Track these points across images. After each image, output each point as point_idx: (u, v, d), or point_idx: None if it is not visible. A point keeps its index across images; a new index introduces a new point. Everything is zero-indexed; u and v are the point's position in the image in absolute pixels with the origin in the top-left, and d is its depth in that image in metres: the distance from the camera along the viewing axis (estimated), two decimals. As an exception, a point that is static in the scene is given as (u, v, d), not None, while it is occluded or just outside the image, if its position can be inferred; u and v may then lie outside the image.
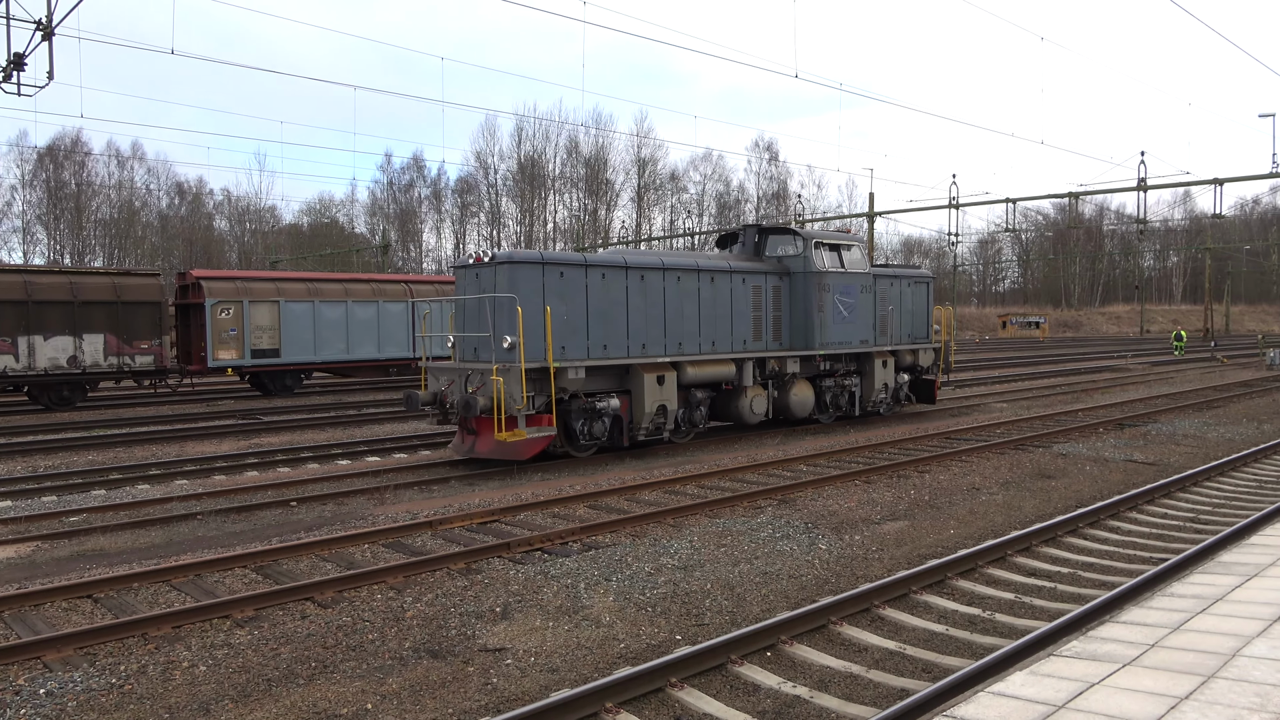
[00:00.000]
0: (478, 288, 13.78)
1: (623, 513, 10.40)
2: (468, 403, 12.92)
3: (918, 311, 19.87)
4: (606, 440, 14.38)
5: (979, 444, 15.36)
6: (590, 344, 14.14)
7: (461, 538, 9.42)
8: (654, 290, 14.99)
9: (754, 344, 16.50)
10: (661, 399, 14.63)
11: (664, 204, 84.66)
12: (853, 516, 10.15)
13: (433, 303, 16.63)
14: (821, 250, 17.34)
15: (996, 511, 10.46)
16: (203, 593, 7.71)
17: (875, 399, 18.79)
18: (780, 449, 15.25)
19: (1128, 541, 9.17)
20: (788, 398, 16.93)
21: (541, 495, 11.31)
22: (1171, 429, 17.26)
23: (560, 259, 13.99)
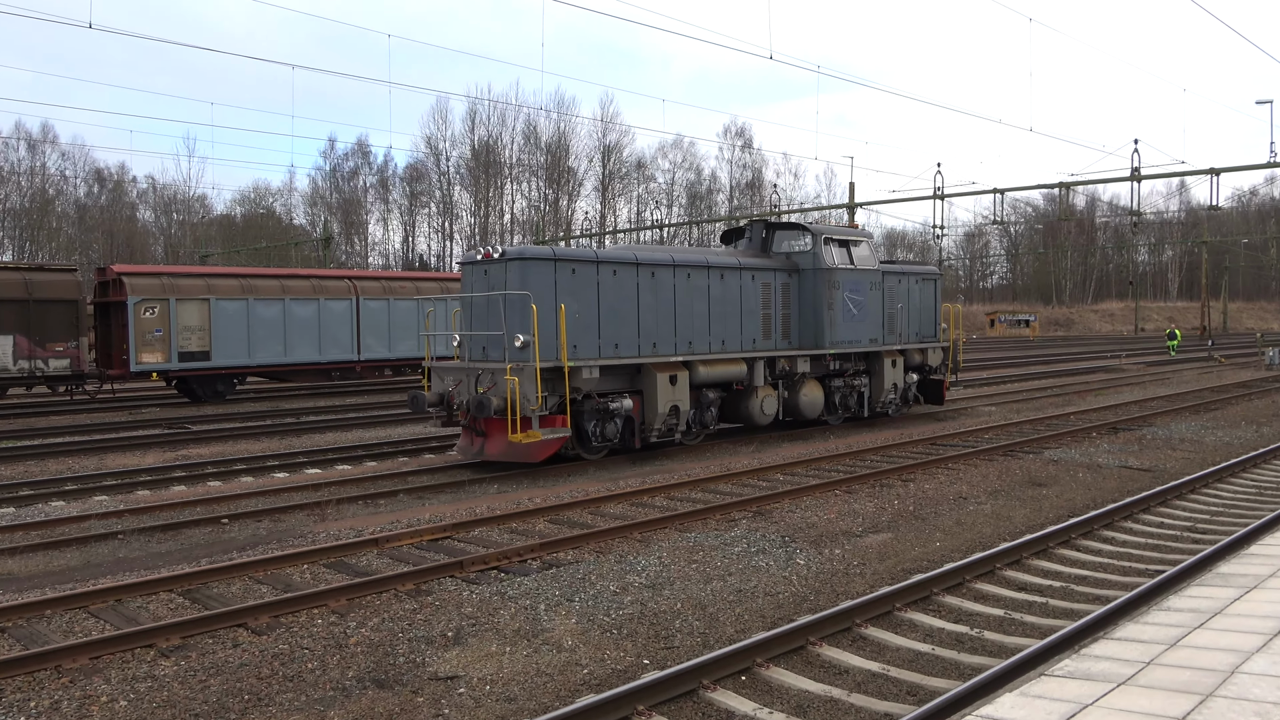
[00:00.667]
0: (486, 285, 14.30)
1: (586, 527, 10.38)
2: (481, 403, 13.41)
3: (925, 309, 20.60)
4: (617, 442, 14.89)
5: (966, 450, 15.53)
6: (602, 343, 14.73)
7: (410, 556, 9.35)
8: (664, 287, 15.65)
9: (763, 343, 17.18)
10: (674, 399, 15.22)
11: (630, 194, 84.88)
12: (832, 529, 10.21)
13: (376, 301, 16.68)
14: (831, 246, 18.00)
15: (985, 522, 10.58)
16: (124, 620, 7.57)
17: (884, 399, 19.42)
18: (756, 456, 15.32)
19: (1122, 553, 9.32)
20: (798, 398, 17.57)
21: (498, 509, 11.26)
22: (1168, 433, 17.59)
23: (572, 255, 14.66)
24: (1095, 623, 6.57)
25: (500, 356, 14.12)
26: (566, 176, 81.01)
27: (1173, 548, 9.50)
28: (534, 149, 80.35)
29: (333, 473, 14.39)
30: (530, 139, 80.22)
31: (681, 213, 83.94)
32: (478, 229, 79.87)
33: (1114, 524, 10.39)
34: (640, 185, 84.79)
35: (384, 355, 27.69)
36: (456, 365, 14.60)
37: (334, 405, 24.24)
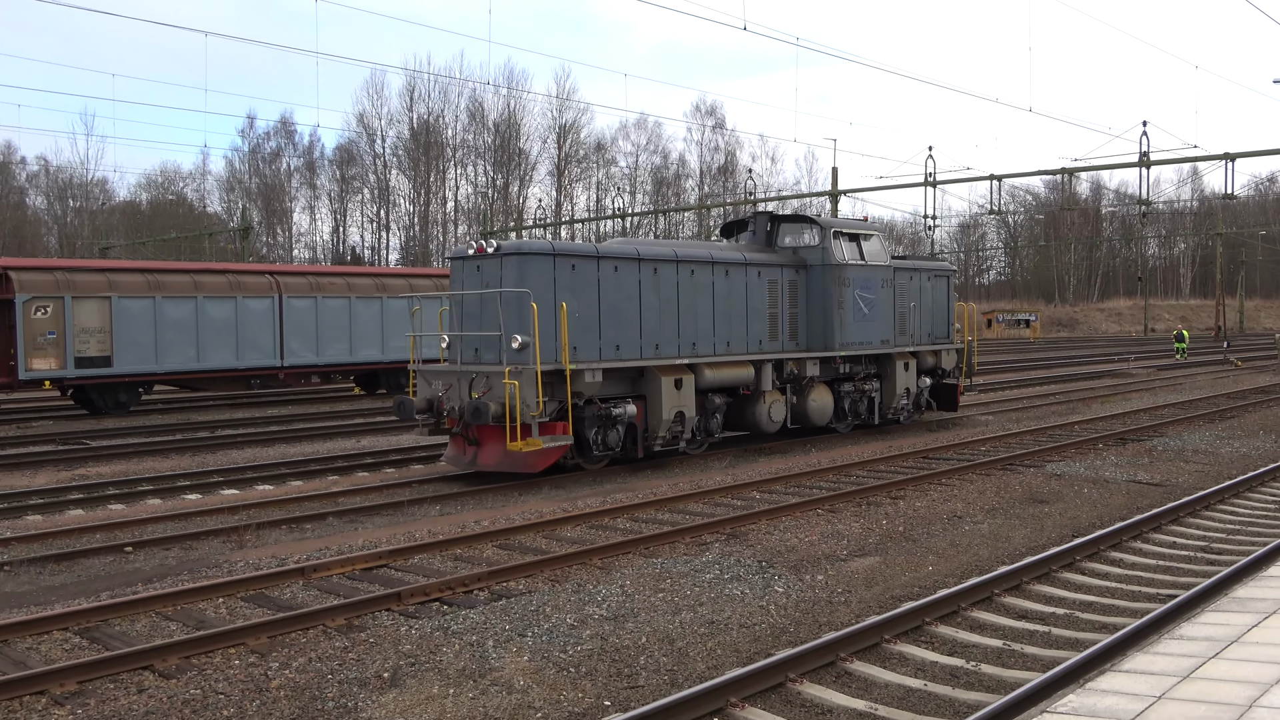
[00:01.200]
0: (479, 282, 14.80)
1: (540, 553, 10.36)
2: (477, 409, 13.91)
3: (938, 308, 21.25)
4: (619, 451, 15.44)
5: (961, 464, 15.70)
6: (603, 344, 15.27)
7: (341, 587, 9.27)
8: (667, 284, 16.21)
9: (770, 344, 17.79)
10: (679, 405, 15.80)
11: (589, 179, 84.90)
12: (814, 552, 10.28)
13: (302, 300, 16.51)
14: (841, 241, 18.60)
15: (981, 543, 10.70)
16: (11, 663, 7.42)
17: (896, 405, 20.05)
18: (730, 473, 15.38)
19: (1131, 576, 9.47)
20: (806, 404, 18.19)
21: (440, 533, 11.21)
22: (1180, 444, 17.94)
23: (572, 250, 15.22)
24: (1102, 653, 6.67)
25: (495, 359, 14.60)
26: (517, 160, 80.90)
27: (1185, 570, 9.67)
28: (480, 129, 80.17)
29: (252, 494, 14.25)
30: (476, 117, 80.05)
31: (647, 200, 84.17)
32: (417, 218, 79.47)
33: (1122, 544, 10.56)
34: (600, 170, 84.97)
35: (311, 361, 27.46)
36: (446, 368, 14.99)
37: (254, 417, 23.99)
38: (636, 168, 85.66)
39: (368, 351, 28.54)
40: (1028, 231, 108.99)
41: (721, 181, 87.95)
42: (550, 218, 71.93)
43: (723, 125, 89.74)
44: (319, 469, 16.20)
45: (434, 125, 79.31)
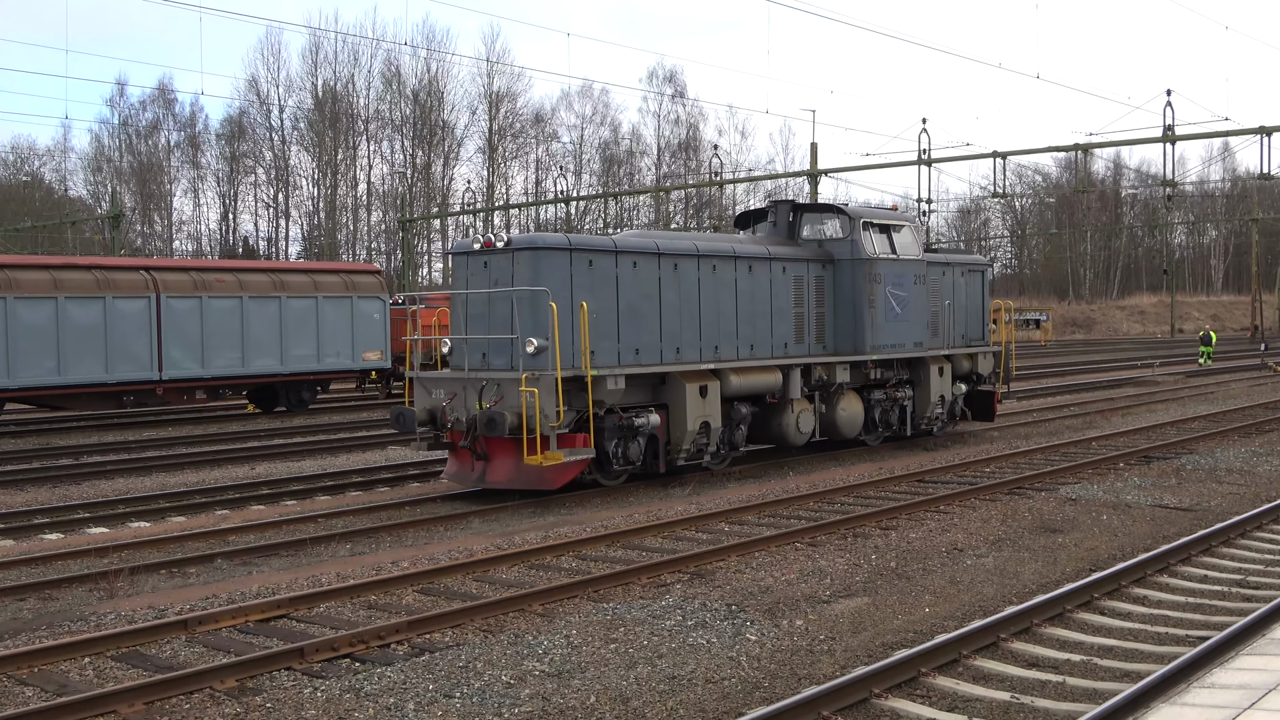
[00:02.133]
0: (487, 279, 15.62)
1: (470, 598, 10.33)
2: (492, 420, 14.69)
3: (972, 306, 22.34)
4: (638, 466, 16.28)
5: (962, 487, 15.87)
6: (621, 348, 16.13)
7: (233, 642, 9.17)
8: (688, 281, 17.08)
9: (795, 347, 18.73)
10: (705, 414, 16.64)
11: (526, 157, 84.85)
12: (792, 593, 10.34)
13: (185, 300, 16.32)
14: (871, 232, 19.52)
15: (986, 580, 10.83)
16: None
17: (930, 414, 21.00)
18: (693, 501, 15.42)
19: (1157, 615, 9.63)
20: (835, 413, 19.09)
21: (351, 576, 11.13)
22: (1212, 462, 18.30)
23: (589, 244, 16.09)
24: (1123, 706, 6.77)
25: (506, 364, 15.45)
26: (441, 134, 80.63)
27: (1218, 608, 9.86)
28: (397, 97, 79.82)
29: (125, 532, 14.08)
30: (392, 84, 79.70)
31: (596, 182, 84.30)
32: (322, 203, 78.89)
33: (1146, 579, 10.73)
34: (539, 146, 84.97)
35: (195, 373, 27.15)
36: (449, 376, 15.88)
37: (127, 441, 23.68)
38: (582, 144, 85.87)
39: (264, 361, 28.28)
40: (1037, 217, 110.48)
41: (683, 159, 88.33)
42: (480, 202, 71.82)
43: (683, 94, 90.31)
44: (203, 502, 16.05)
45: (341, 93, 78.85)
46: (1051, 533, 13.03)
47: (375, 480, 17.85)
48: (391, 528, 13.92)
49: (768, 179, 67.55)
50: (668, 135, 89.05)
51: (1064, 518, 13.89)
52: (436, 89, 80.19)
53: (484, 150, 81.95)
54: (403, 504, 15.59)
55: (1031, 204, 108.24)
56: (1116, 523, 13.62)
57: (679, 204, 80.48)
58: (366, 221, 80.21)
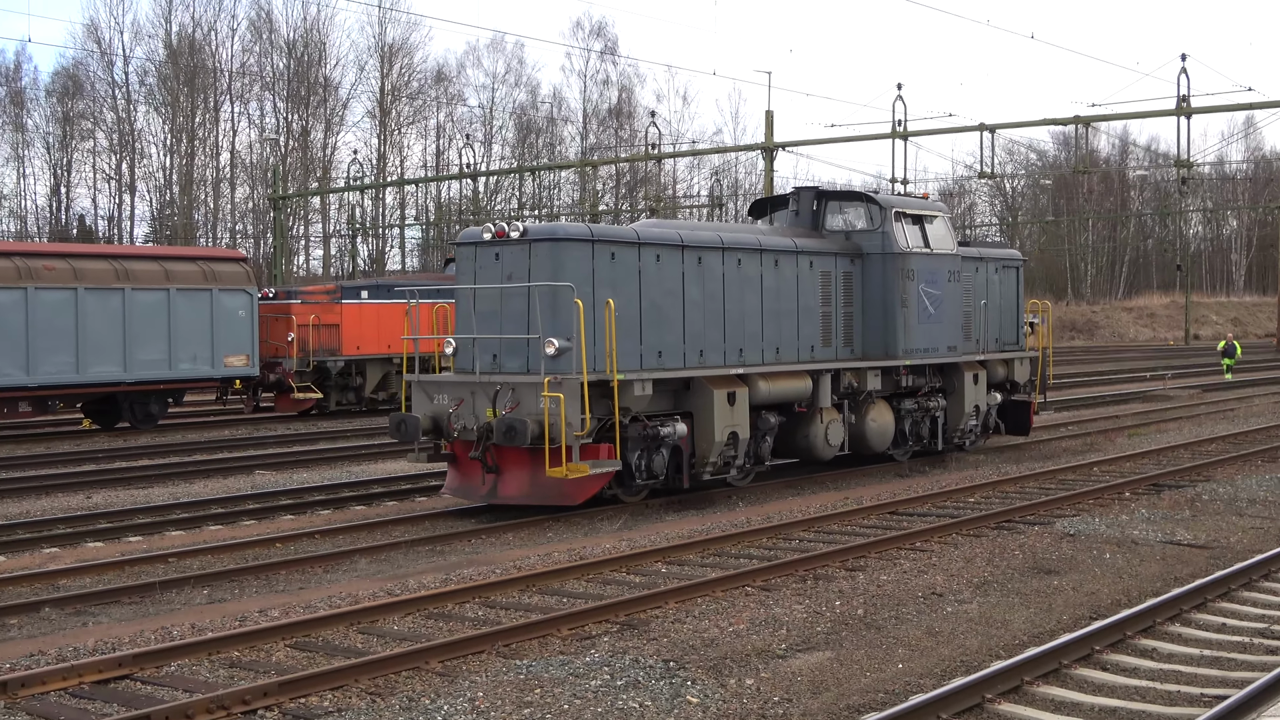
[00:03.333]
0: (499, 273, 16.77)
1: (355, 654, 10.23)
2: (512, 428, 15.67)
3: (1006, 306, 23.83)
4: (661, 480, 17.36)
5: (941, 521, 16.03)
6: (644, 349, 17.34)
7: (64, 709, 9.02)
8: (712, 277, 18.34)
9: (823, 350, 20.04)
10: (732, 424, 17.77)
11: (425, 123, 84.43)
12: (741, 647, 10.37)
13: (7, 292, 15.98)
14: (904, 223, 20.80)
15: (969, 631, 10.94)
16: None
17: (963, 427, 22.34)
18: (624, 537, 15.43)
19: (1167, 670, 9.78)
20: (865, 424, 20.31)
21: (209, 627, 10.98)
22: (1231, 491, 18.66)
23: (611, 235, 17.50)
24: (1128, 778, 6.86)
25: (521, 366, 16.64)
26: (322, 94, 79.97)
27: (1239, 661, 10.02)
28: (268, 49, 79.04)
29: (-70, 575, 13.76)
30: (262, 33, 78.92)
31: (509, 154, 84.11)
32: (176, 176, 77.80)
33: (1155, 628, 10.90)
34: (442, 110, 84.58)
35: (17, 381, 26.67)
36: (455, 379, 17.02)
37: (-67, 463, 23.16)
38: (493, 108, 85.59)
39: (103, 368, 27.87)
40: (1030, 202, 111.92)
41: (614, 128, 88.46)
42: (371, 176, 71.41)
43: (614, 50, 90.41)
44: (28, 537, 15.77)
45: (201, 43, 77.85)
46: (1046, 574, 13.19)
47: (239, 512, 17.66)
48: (259, 569, 13.77)
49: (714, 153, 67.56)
50: (596, 99, 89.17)
51: (1060, 556, 14.07)
52: (316, 40, 79.58)
53: (374, 114, 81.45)
54: (273, 540, 15.45)
55: (1024, 186, 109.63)
56: (1121, 562, 13.82)
57: (609, 181, 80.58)
58: (230, 198, 79.23)
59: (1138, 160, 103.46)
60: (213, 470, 22.03)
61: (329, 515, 17.73)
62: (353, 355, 32.90)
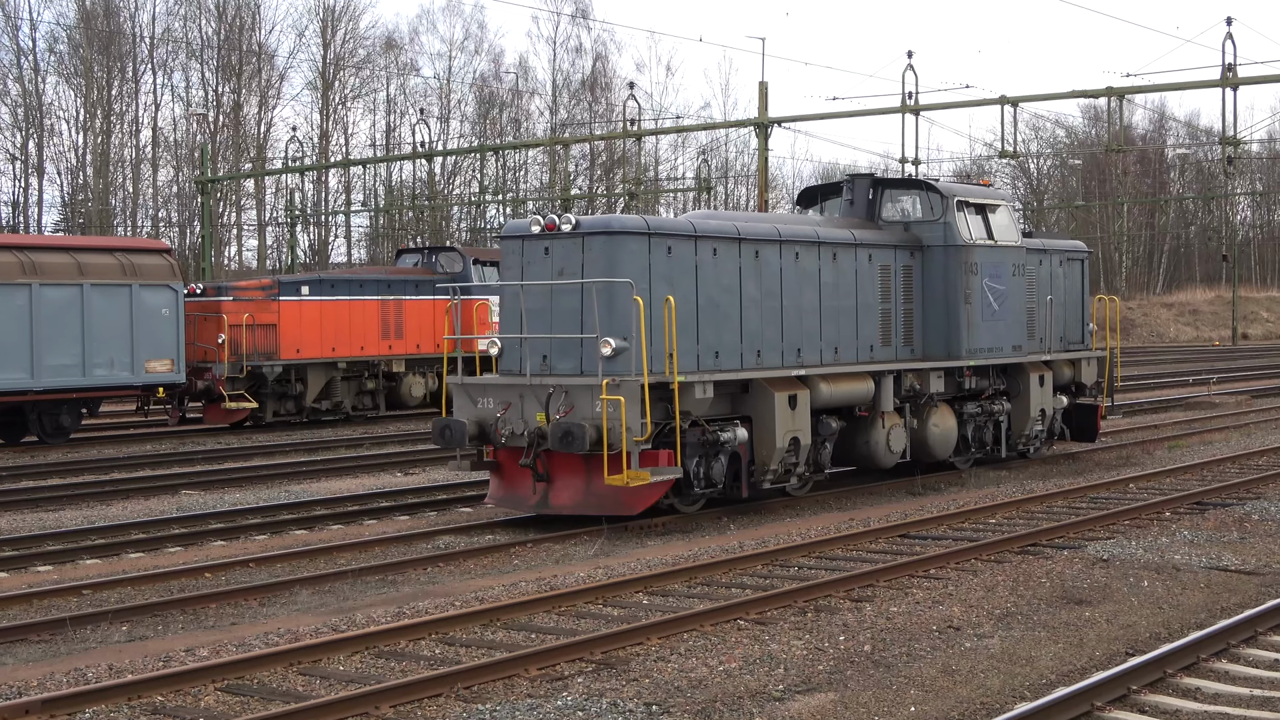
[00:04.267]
0: (549, 268, 17.69)
1: (294, 698, 10.20)
2: (569, 433, 16.50)
3: (1070, 303, 24.91)
4: (719, 489, 18.27)
5: (959, 545, 16.06)
6: (701, 349, 18.30)
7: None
8: (770, 272, 19.32)
9: (882, 350, 21.04)
10: (794, 429, 18.68)
11: (373, 96, 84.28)
12: (734, 688, 10.37)
13: None
14: (966, 213, 21.77)
15: (990, 669, 10.97)
16: None
17: (1029, 432, 23.30)
18: (601, 564, 15.44)
19: (1213, 714, 9.81)
20: (927, 429, 21.31)
21: (128, 669, 10.91)
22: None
23: (668, 227, 18.50)
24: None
25: (574, 368, 17.58)
26: (257, 63, 79.81)
27: (1293, 702, 10.07)
28: (195, 13, 78.84)
29: None
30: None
31: (469, 131, 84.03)
32: (90, 156, 77.52)
33: (1199, 665, 10.92)
34: (391, 82, 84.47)
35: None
36: (501, 381, 17.97)
37: None
38: (450, 79, 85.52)
39: (7, 374, 27.77)
40: (1058, 184, 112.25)
41: (588, 102, 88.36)
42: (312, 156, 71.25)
43: (588, 14, 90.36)
44: None
45: (118, 5, 77.63)
46: (1076, 604, 13.23)
47: (163, 538, 17.62)
48: (186, 602, 13.70)
49: (702, 129, 67.73)
50: (567, 69, 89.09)
51: (1092, 584, 14.11)
52: (250, 2, 79.43)
53: (315, 87, 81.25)
54: (202, 569, 15.41)
55: (1051, 166, 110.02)
56: (1161, 591, 13.86)
57: (582, 162, 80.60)
58: (152, 181, 78.97)
59: (1178, 138, 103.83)
60: (133, 490, 21.94)
61: (265, 541, 17.68)
62: (292, 359, 32.75)
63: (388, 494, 21.28)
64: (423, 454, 26.83)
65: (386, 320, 34.62)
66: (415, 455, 26.71)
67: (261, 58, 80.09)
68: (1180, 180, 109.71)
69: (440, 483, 22.45)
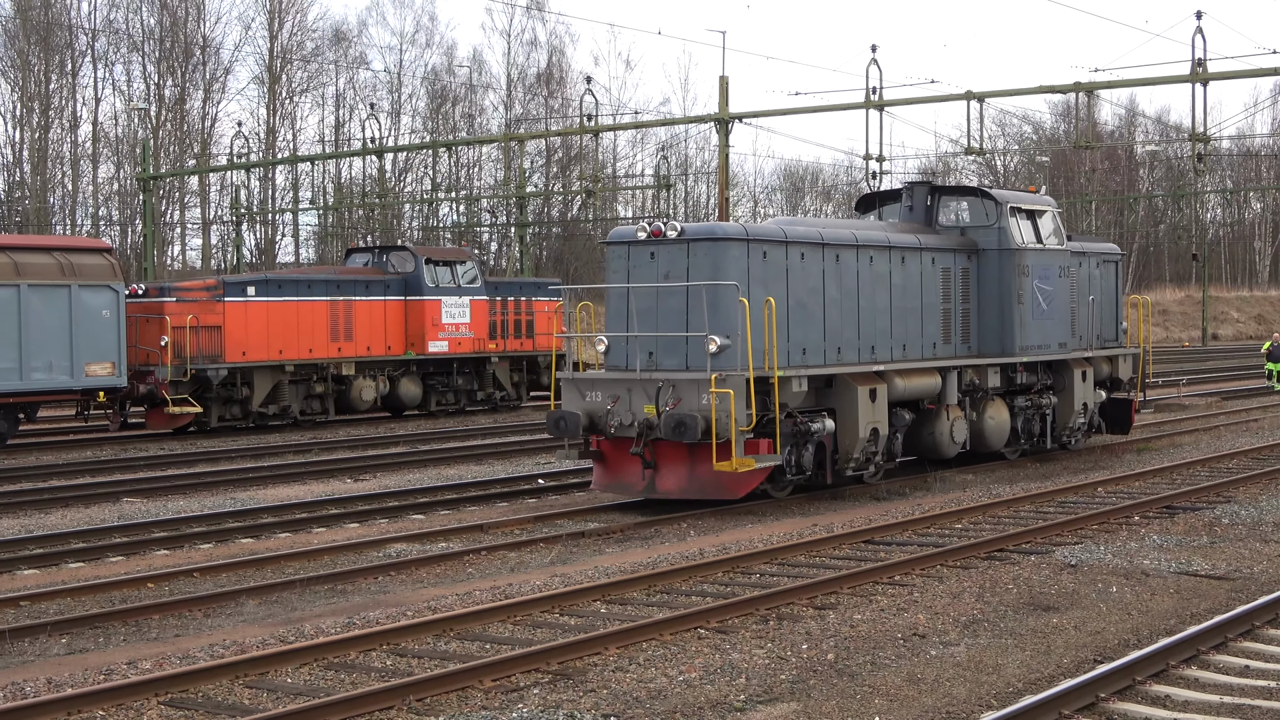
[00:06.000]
0: (655, 272, 19.77)
1: (241, 712, 10.16)
2: (682, 424, 18.48)
3: (1106, 302, 27.60)
4: (807, 475, 20.33)
5: (924, 551, 16.13)
6: (790, 347, 20.36)
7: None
8: (848, 275, 21.60)
9: (944, 347, 23.44)
10: (874, 420, 20.94)
11: (321, 90, 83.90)
12: (694, 698, 10.38)
13: None
14: (1019, 218, 24.19)
15: (956, 677, 11.01)
16: None
17: (1072, 425, 25.83)
18: (557, 572, 15.42)
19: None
20: (984, 422, 23.69)
21: (68, 683, 10.83)
22: (1255, 514, 18.92)
23: (763, 234, 20.61)
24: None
25: (679, 364, 19.57)
26: (201, 56, 79.39)
27: (1263, 710, 10.12)
28: (137, 4, 78.29)
29: None
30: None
31: (421, 126, 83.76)
32: (27, 152, 76.93)
33: (1169, 672, 10.99)
34: (341, 76, 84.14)
35: None
36: (609, 377, 19.96)
37: None
38: (401, 73, 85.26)
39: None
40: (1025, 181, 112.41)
41: (543, 97, 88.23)
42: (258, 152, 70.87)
43: (544, 6, 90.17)
44: None
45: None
46: (1044, 611, 13.30)
47: (104, 547, 17.48)
48: (128, 613, 13.62)
49: (661, 125, 67.54)
50: (522, 63, 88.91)
51: (1060, 590, 14.20)
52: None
53: (261, 80, 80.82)
54: (145, 579, 15.32)
55: (1018, 163, 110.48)
56: (1130, 597, 13.96)
57: (538, 158, 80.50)
58: (92, 178, 78.42)
59: (1147, 134, 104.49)
60: (72, 498, 21.79)
61: (210, 550, 17.61)
62: (238, 362, 32.53)
63: (337, 500, 21.19)
64: (374, 460, 26.77)
65: (336, 322, 34.45)
66: (366, 461, 26.64)
67: (206, 50, 79.62)
68: (1149, 177, 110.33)
69: (392, 489, 22.38)
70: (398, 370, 36.09)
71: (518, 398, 39.37)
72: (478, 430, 33.38)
